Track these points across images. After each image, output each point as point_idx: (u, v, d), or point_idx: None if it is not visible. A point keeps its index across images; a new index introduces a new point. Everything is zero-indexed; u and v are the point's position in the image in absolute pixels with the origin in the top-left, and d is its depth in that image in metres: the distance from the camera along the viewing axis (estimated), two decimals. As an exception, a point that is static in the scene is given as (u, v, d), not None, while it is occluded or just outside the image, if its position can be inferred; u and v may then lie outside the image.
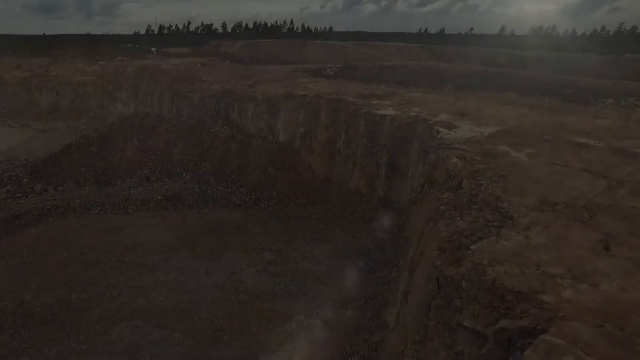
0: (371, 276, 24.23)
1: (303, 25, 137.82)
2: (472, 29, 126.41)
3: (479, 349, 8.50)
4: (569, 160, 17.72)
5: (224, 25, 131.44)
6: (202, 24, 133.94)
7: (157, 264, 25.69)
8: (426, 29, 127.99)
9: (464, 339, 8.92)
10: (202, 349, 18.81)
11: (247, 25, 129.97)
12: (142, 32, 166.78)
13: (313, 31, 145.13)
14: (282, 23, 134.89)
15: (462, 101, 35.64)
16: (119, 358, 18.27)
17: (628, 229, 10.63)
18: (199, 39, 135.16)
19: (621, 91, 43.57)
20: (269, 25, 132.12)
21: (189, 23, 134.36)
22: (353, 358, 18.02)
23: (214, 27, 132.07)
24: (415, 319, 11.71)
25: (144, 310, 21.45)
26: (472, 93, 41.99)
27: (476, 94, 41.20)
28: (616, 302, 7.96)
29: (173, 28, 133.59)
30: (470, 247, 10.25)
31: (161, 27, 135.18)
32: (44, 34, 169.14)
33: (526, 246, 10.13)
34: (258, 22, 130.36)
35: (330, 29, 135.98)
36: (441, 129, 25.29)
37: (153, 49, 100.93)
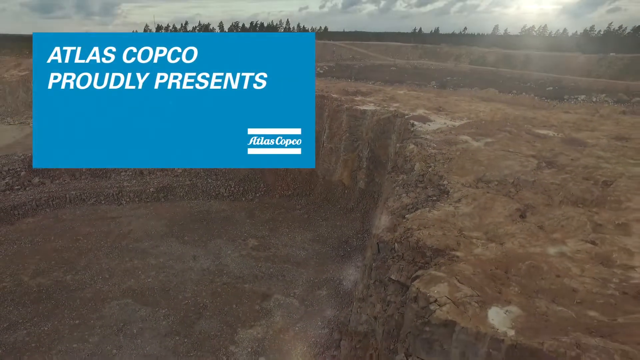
0: (347, 260, 25.78)
1: (299, 25, 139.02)
2: (465, 28, 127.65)
3: (402, 297, 10.05)
4: (521, 148, 19.26)
5: (220, 25, 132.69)
6: (200, 23, 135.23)
7: (148, 250, 27.22)
8: (420, 29, 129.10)
9: (391, 290, 10.47)
10: (185, 323, 20.37)
11: (244, 25, 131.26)
12: (140, 32, 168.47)
13: (309, 31, 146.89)
14: (279, 23, 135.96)
15: (442, 97, 37.24)
16: (109, 331, 19.82)
17: (544, 201, 12.18)
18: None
19: (599, 88, 45.16)
20: (265, 25, 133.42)
21: (186, 23, 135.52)
22: (323, 331, 19.59)
23: (211, 27, 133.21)
24: (363, 283, 13.27)
25: (133, 290, 23.00)
26: (454, 90, 43.59)
27: (458, 91, 42.82)
28: (512, 254, 9.53)
29: (171, 28, 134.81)
30: (405, 216, 11.80)
31: (159, 27, 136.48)
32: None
33: (453, 215, 11.69)
34: (255, 22, 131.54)
35: (326, 28, 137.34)
36: (416, 122, 26.88)
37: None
